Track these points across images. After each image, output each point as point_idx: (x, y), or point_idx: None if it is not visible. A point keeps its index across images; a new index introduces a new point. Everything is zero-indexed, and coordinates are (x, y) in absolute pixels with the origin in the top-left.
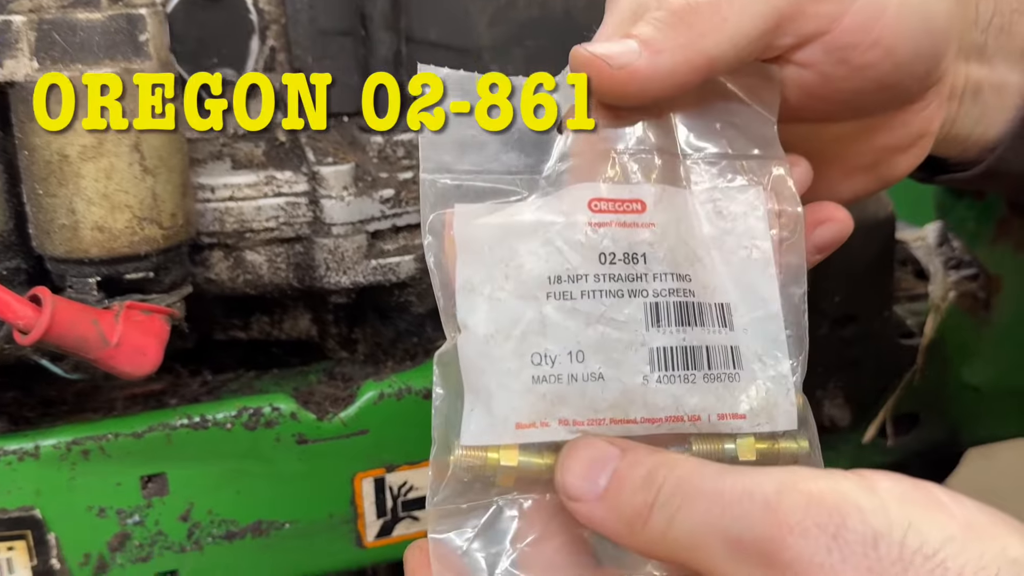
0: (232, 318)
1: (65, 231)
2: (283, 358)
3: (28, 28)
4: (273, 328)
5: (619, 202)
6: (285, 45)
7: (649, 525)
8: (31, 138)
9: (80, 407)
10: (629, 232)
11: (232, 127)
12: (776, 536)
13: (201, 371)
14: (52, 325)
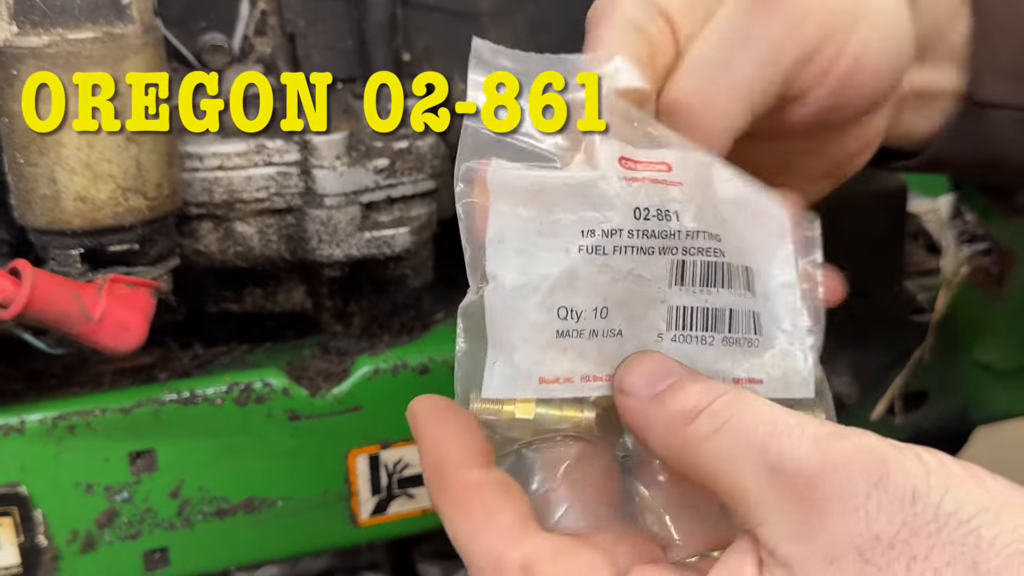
0: (224, 290)
1: (46, 201)
2: (277, 331)
3: None
4: (267, 301)
5: (646, 162)
6: (276, 8)
7: (692, 427)
8: (10, 105)
9: (68, 381)
10: (660, 189)
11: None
12: (819, 471)
13: (192, 344)
14: (32, 299)
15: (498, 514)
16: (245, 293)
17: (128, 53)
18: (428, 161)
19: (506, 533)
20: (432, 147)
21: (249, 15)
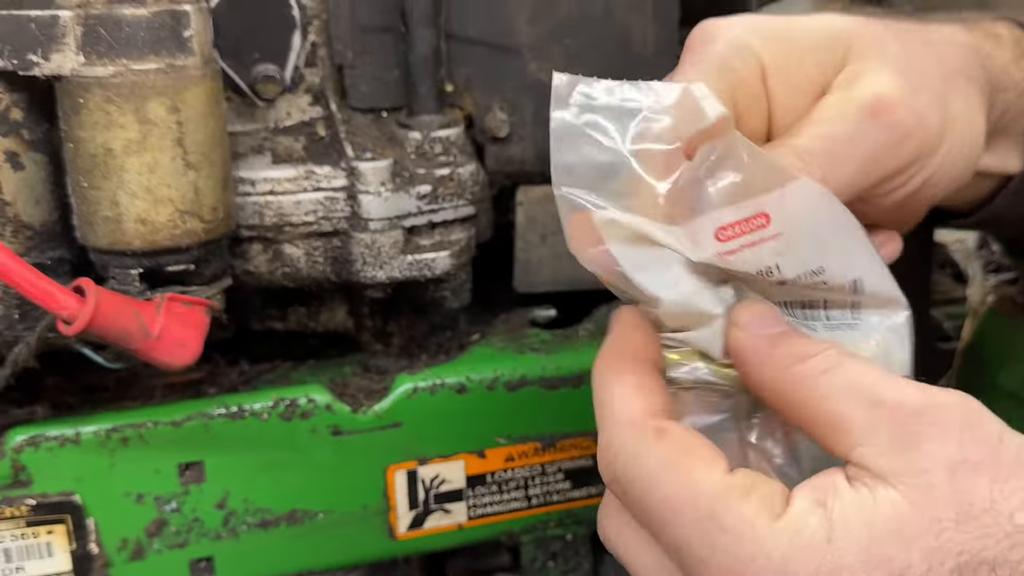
0: (270, 309)
1: (108, 223)
2: (318, 349)
3: (75, 23)
4: (310, 320)
5: (744, 222)
6: (326, 40)
7: (804, 366)
8: (76, 131)
9: (121, 394)
10: (758, 251)
11: (272, 121)
12: (919, 407)
13: (239, 361)
14: (95, 316)
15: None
16: (289, 312)
17: (188, 83)
18: (468, 187)
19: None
20: (472, 174)
21: (300, 47)
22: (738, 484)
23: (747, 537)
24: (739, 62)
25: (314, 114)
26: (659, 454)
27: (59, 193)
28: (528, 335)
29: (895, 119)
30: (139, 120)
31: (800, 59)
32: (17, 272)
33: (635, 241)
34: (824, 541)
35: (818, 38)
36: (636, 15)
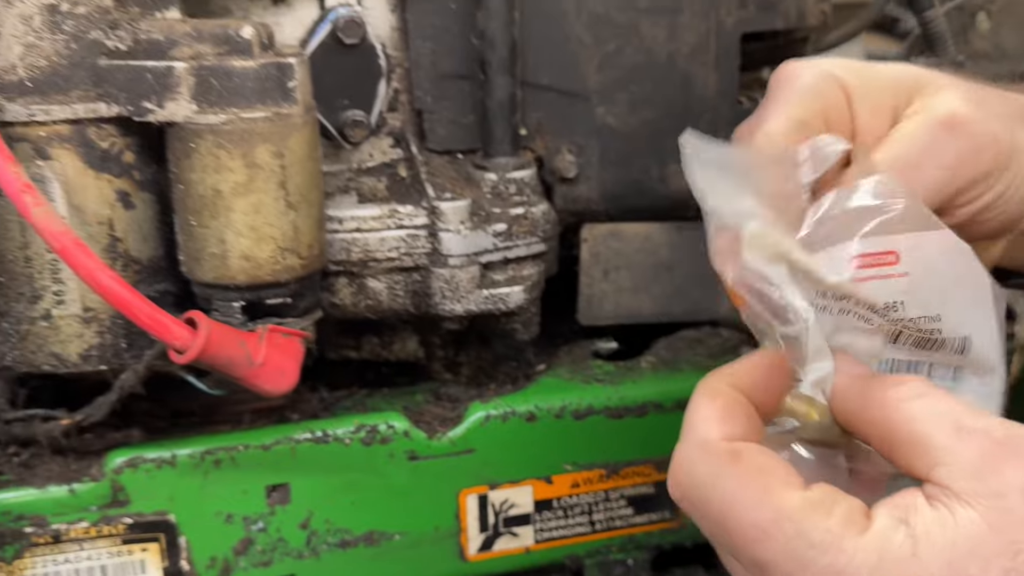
0: (345, 339)
1: (215, 259)
2: (389, 377)
3: (188, 74)
4: (382, 349)
5: (875, 255)
6: (407, 87)
7: (894, 391)
8: (187, 173)
9: (208, 419)
10: (885, 284)
11: (356, 162)
12: (1002, 437)
13: (318, 388)
14: (207, 346)
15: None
16: (363, 342)
17: (292, 130)
18: (540, 226)
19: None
20: (544, 213)
21: (385, 93)
22: (820, 500)
23: (836, 551)
24: (827, 88)
25: (395, 155)
26: (736, 476)
27: (164, 230)
28: (592, 366)
29: (969, 131)
30: (247, 164)
31: (880, 87)
32: (136, 305)
33: (776, 260)
34: (910, 555)
35: (896, 72)
36: (698, 63)
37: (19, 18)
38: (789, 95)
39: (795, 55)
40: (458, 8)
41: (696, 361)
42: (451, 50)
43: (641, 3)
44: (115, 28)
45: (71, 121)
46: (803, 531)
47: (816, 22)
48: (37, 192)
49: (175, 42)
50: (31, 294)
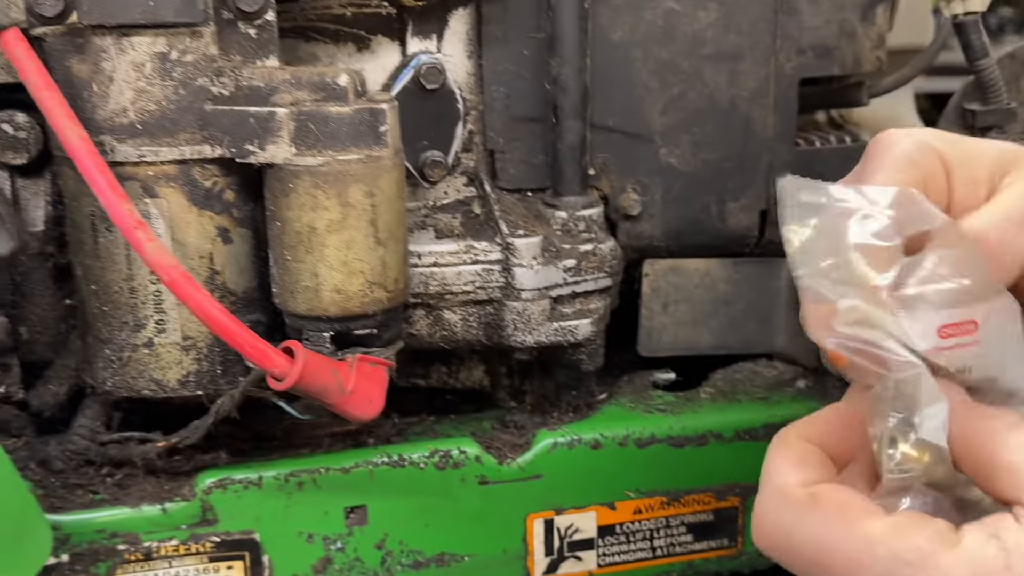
0: (414, 367)
1: (308, 292)
2: (455, 404)
3: (288, 118)
4: (450, 377)
5: (959, 325)
6: (481, 129)
7: (992, 421)
8: (284, 211)
9: (287, 442)
10: (963, 352)
11: (432, 199)
12: None
13: (390, 414)
14: (303, 374)
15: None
16: (432, 370)
17: (382, 172)
18: (608, 261)
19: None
20: (612, 250)
21: (461, 135)
22: (906, 522)
23: (931, 566)
24: (925, 159)
25: (468, 193)
26: (820, 517)
27: (258, 264)
28: (653, 396)
29: None
30: (341, 203)
31: (977, 160)
32: (240, 335)
33: (867, 327)
34: (1003, 568)
35: (991, 146)
36: (757, 106)
37: (131, 65)
38: (888, 162)
39: (850, 99)
40: (531, 54)
41: (753, 393)
42: (523, 94)
43: (704, 50)
44: (220, 75)
45: (177, 162)
46: (896, 552)
47: (871, 68)
48: (148, 228)
49: (275, 88)
50: (134, 323)
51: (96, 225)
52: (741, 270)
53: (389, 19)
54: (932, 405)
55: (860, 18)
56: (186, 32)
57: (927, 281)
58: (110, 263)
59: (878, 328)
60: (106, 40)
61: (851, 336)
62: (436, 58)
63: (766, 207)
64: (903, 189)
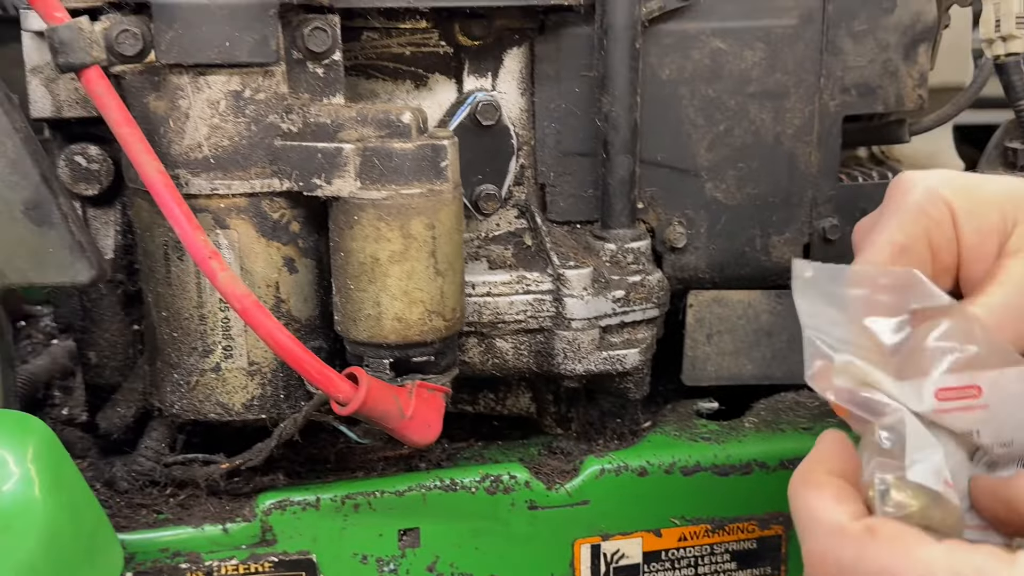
0: (463, 394)
1: (370, 320)
2: (502, 430)
3: (354, 154)
4: (497, 404)
5: (960, 389)
6: (532, 163)
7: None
8: (348, 243)
9: (341, 465)
10: (966, 415)
11: (485, 231)
12: None
13: (440, 440)
14: (366, 399)
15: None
16: (479, 397)
17: (442, 205)
18: (655, 292)
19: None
20: (659, 281)
21: (514, 169)
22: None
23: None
24: (933, 209)
25: (519, 225)
26: (883, 548)
27: (321, 293)
28: (697, 425)
29: None
30: (403, 235)
31: (987, 207)
32: (306, 360)
33: (864, 388)
34: None
35: (1001, 193)
36: (801, 143)
37: (207, 102)
38: (900, 210)
39: (892, 136)
40: (582, 92)
41: (797, 423)
42: (574, 130)
43: (750, 88)
44: (289, 112)
45: (248, 194)
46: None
47: (913, 106)
48: (222, 258)
49: (342, 125)
50: (203, 348)
51: (169, 254)
52: (784, 302)
53: (446, 58)
54: (922, 450)
55: (903, 57)
56: (259, 71)
57: (928, 347)
58: (181, 291)
59: (871, 385)
60: (183, 78)
61: (847, 390)
62: (491, 95)
63: (809, 241)
64: (907, 272)
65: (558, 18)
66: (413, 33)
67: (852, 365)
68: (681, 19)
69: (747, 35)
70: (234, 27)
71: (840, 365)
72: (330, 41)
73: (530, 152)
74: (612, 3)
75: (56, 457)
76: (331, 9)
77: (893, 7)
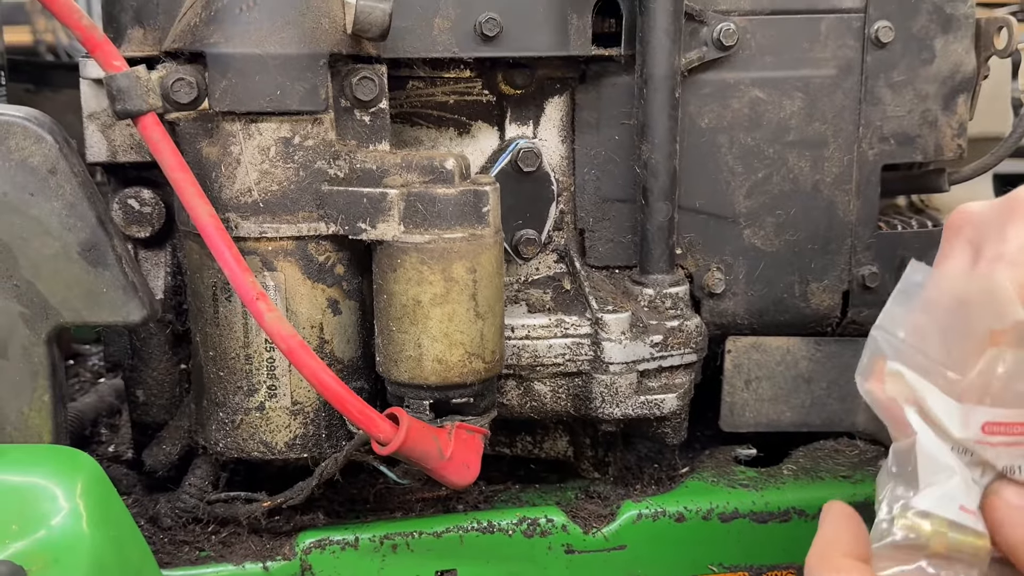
0: (500, 436)
1: (411, 361)
2: (538, 473)
3: (399, 199)
4: (534, 447)
5: (1012, 425)
6: (572, 208)
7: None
8: (391, 285)
9: (380, 506)
10: (1010, 451)
11: (524, 275)
12: None
13: (478, 481)
14: (406, 440)
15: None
16: (517, 439)
17: (483, 249)
18: (693, 338)
19: None
20: (697, 327)
21: (554, 215)
22: None
23: None
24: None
25: (558, 270)
26: None
27: (364, 334)
28: (735, 471)
29: None
30: (444, 278)
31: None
32: (349, 401)
33: (907, 401)
34: None
35: None
36: (840, 191)
37: (257, 149)
38: (953, 246)
39: (931, 185)
40: (622, 139)
41: (836, 470)
42: (613, 176)
43: (789, 137)
44: (336, 158)
45: (295, 238)
46: None
47: (952, 155)
48: (269, 299)
49: (387, 171)
50: (248, 387)
51: (217, 295)
52: (823, 349)
53: (489, 106)
54: (935, 475)
55: (942, 107)
56: (308, 119)
57: (990, 377)
58: (228, 331)
59: (912, 404)
60: (235, 125)
61: (886, 400)
62: (532, 142)
63: (848, 288)
64: (995, 283)
65: (599, 68)
66: (457, 82)
67: (903, 377)
68: (720, 69)
69: (786, 85)
70: (285, 77)
71: (891, 372)
72: (377, 90)
73: (570, 198)
74: (652, 54)
75: (104, 493)
76: (379, 59)
77: (932, 58)
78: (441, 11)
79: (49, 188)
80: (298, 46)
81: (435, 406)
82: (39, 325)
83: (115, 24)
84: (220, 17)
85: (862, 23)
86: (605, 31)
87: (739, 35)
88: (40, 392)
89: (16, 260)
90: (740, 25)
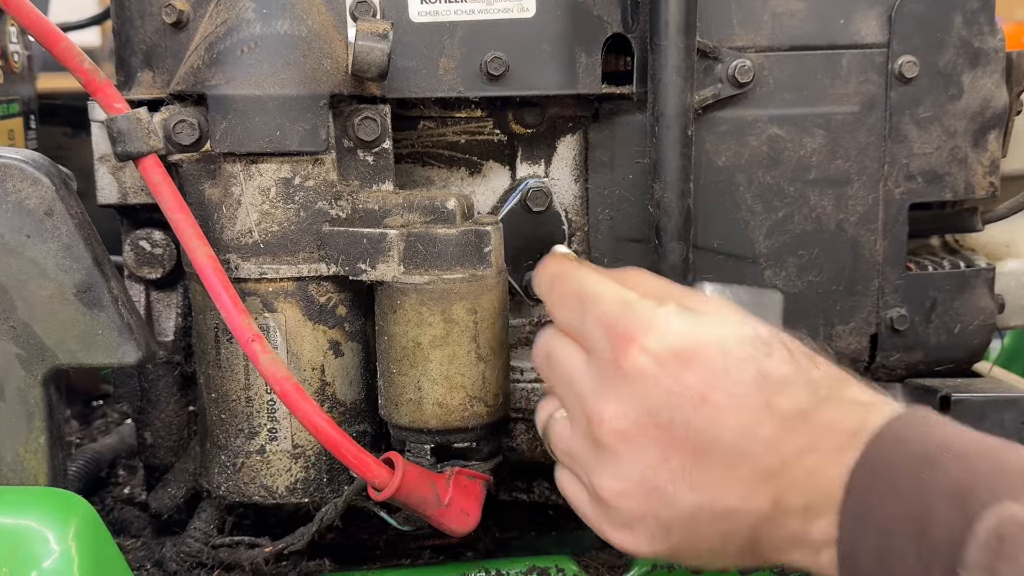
0: (517, 482)
1: (411, 404)
2: (557, 520)
3: (399, 240)
4: (552, 493)
5: None
6: (586, 248)
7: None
8: (392, 326)
9: (390, 553)
10: None
11: (535, 316)
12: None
13: (490, 527)
14: (402, 485)
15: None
16: (534, 485)
17: (485, 290)
18: None
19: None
20: None
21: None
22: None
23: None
24: None
25: None
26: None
27: (367, 376)
28: None
29: None
30: (444, 320)
31: None
32: (343, 445)
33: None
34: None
35: None
36: (866, 230)
37: (258, 189)
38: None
39: (963, 224)
40: (635, 178)
41: None
42: (627, 216)
43: (810, 175)
44: (338, 199)
45: (295, 279)
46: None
47: (984, 194)
48: (265, 341)
49: (389, 211)
50: (249, 430)
51: (219, 337)
52: None
53: (500, 146)
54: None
55: (972, 144)
56: (309, 160)
57: None
58: (230, 373)
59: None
60: (236, 166)
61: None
62: (543, 182)
63: (876, 331)
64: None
65: (612, 106)
66: (468, 122)
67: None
68: (736, 106)
69: (806, 122)
70: (285, 117)
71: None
72: (380, 130)
73: (584, 237)
74: (663, 91)
75: (98, 537)
76: (382, 99)
77: (960, 93)
78: (447, 51)
79: (46, 230)
80: (298, 87)
81: (436, 451)
82: (35, 367)
83: (126, 67)
84: (222, 59)
85: (885, 58)
86: (621, 69)
87: (755, 72)
88: (36, 434)
89: (12, 302)
90: (757, 62)
